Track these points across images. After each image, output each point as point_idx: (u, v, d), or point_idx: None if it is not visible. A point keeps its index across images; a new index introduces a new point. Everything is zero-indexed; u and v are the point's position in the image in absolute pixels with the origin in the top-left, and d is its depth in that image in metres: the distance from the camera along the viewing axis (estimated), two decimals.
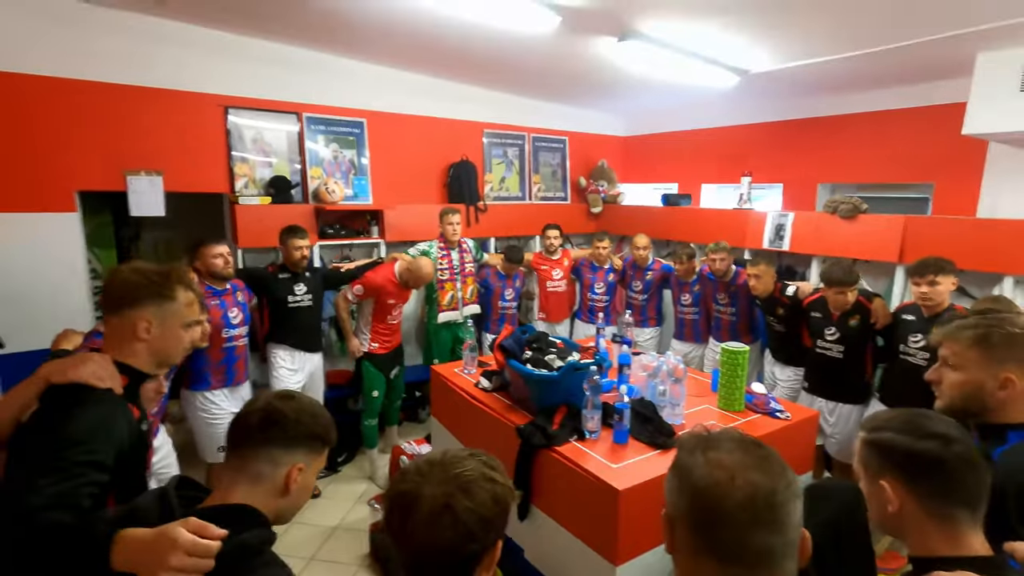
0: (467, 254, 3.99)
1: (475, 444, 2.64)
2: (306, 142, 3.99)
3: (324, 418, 1.09)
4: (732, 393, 2.43)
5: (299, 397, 1.08)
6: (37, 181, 3.14)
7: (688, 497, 0.78)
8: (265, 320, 3.26)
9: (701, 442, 0.81)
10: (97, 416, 1.13)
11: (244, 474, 1.01)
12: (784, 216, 3.85)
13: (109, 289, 1.31)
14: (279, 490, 1.02)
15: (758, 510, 0.73)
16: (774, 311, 3.30)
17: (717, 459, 0.77)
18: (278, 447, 1.02)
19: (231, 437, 1.04)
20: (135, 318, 1.27)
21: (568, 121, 5.39)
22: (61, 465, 1.02)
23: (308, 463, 1.06)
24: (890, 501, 0.94)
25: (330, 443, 1.10)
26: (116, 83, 3.31)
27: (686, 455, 0.82)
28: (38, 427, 1.11)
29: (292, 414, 1.03)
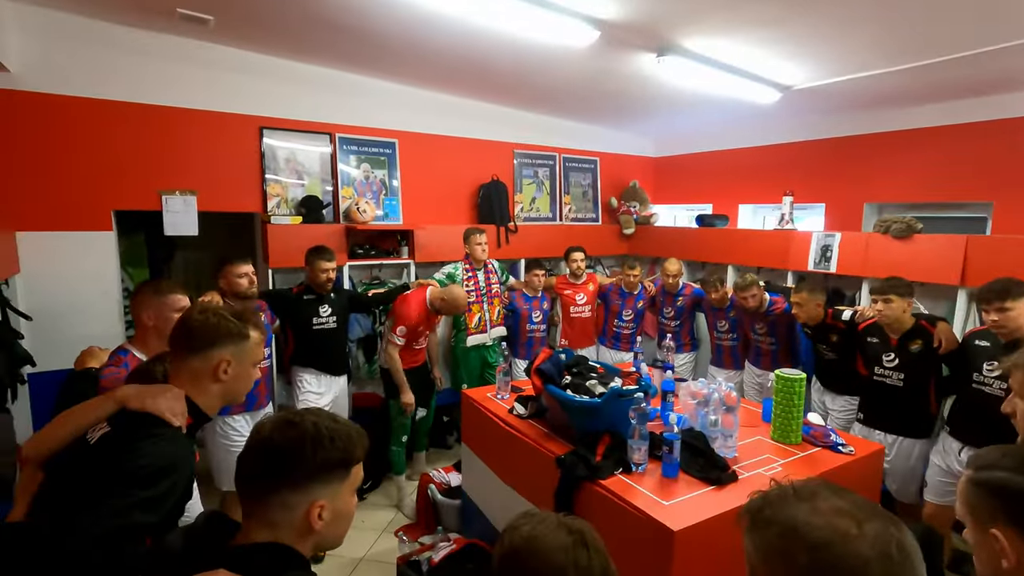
0: (493, 275, 3.89)
1: (510, 474, 2.50)
2: (338, 163, 3.98)
3: (341, 438, 0.94)
4: (788, 424, 2.26)
5: (303, 423, 0.93)
6: (75, 200, 3.17)
7: (806, 555, 0.66)
8: (290, 342, 3.19)
9: (794, 492, 0.72)
10: (165, 457, 1.09)
11: (260, 520, 0.90)
12: (830, 236, 3.67)
13: (190, 332, 1.30)
14: (303, 531, 0.91)
15: (895, 562, 0.63)
16: (826, 338, 3.10)
17: (832, 507, 0.67)
18: (287, 489, 0.90)
19: (236, 482, 0.93)
20: (217, 359, 1.28)
21: (599, 141, 5.32)
22: (114, 504, 0.98)
23: (332, 494, 0.93)
24: (1005, 555, 0.80)
25: (356, 460, 0.97)
26: (153, 104, 3.35)
27: (785, 508, 0.70)
28: (105, 454, 1.07)
29: (295, 449, 0.90)
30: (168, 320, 1.82)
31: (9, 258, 2.95)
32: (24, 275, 3.03)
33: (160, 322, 1.85)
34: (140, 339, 1.88)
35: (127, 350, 1.84)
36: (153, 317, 1.86)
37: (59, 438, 1.12)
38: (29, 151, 3.04)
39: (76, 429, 1.12)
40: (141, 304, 1.87)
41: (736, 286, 3.49)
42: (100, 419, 1.14)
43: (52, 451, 1.12)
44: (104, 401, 1.16)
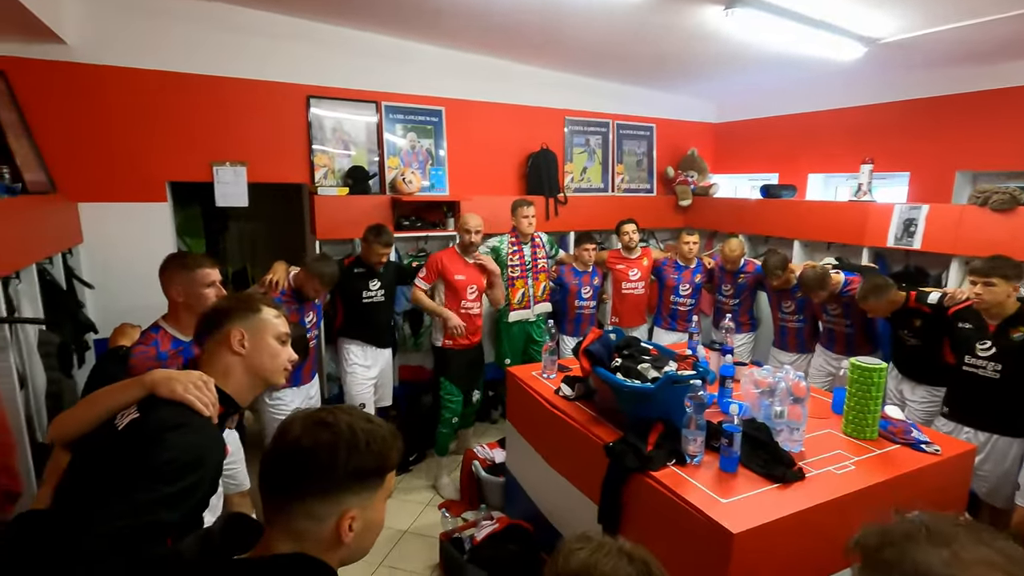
0: (540, 249, 3.74)
1: (554, 457, 2.41)
2: (384, 132, 3.90)
3: (378, 442, 0.84)
4: (863, 418, 2.04)
5: (338, 423, 0.83)
6: (131, 171, 3.23)
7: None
8: (339, 314, 3.18)
9: (927, 533, 0.57)
10: (192, 451, 1.03)
11: (283, 531, 0.82)
12: (915, 209, 3.31)
13: (202, 319, 1.29)
14: (330, 543, 0.83)
15: None
16: (908, 323, 2.80)
17: (979, 559, 0.54)
18: (316, 499, 0.81)
19: (260, 482, 0.85)
20: (228, 332, 1.24)
21: (655, 107, 5.01)
22: (136, 499, 0.93)
23: (364, 503, 0.84)
24: None
25: (390, 468, 0.88)
26: (204, 74, 3.34)
27: (914, 552, 0.56)
28: (131, 443, 1.02)
29: (327, 455, 0.80)
30: (198, 296, 1.78)
31: (73, 228, 3.05)
32: (86, 245, 3.14)
33: (190, 298, 1.80)
34: (172, 315, 1.85)
35: (159, 327, 1.82)
36: (183, 293, 1.81)
37: (86, 420, 1.09)
38: (88, 123, 3.10)
39: (103, 412, 1.09)
40: (170, 280, 1.83)
41: (805, 283, 3.15)
42: (128, 404, 1.10)
43: (78, 433, 1.09)
44: (133, 385, 1.12)
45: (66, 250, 2.94)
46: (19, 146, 2.70)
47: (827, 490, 1.70)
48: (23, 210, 2.32)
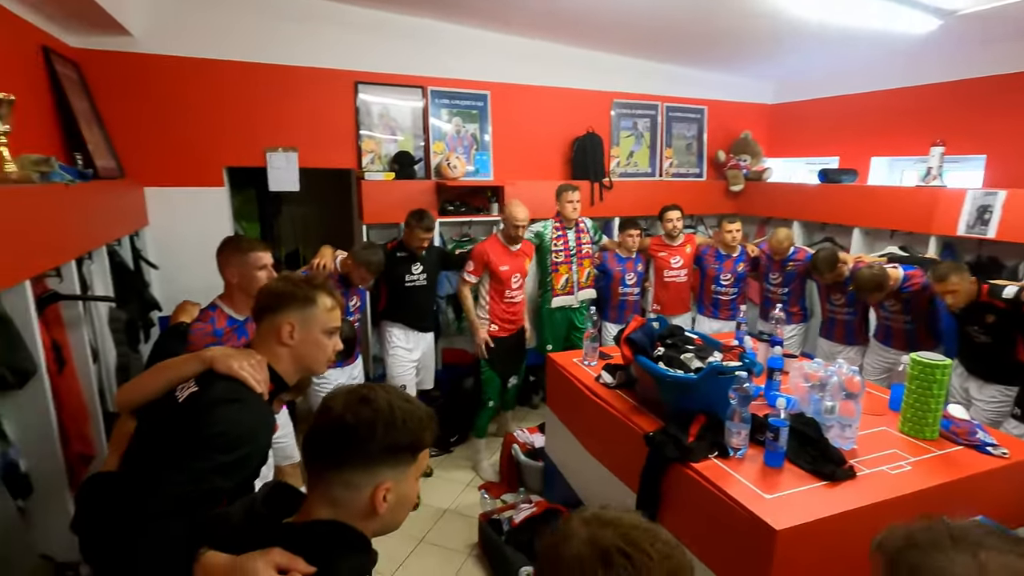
0: (584, 234, 3.69)
1: (593, 444, 2.41)
2: (430, 117, 3.93)
3: (414, 420, 0.89)
4: (923, 416, 1.94)
5: (377, 400, 0.88)
6: (191, 158, 3.38)
7: None
8: (382, 297, 3.25)
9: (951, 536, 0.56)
10: (244, 424, 1.11)
11: (322, 498, 0.88)
12: (991, 195, 3.08)
13: (259, 298, 1.33)
14: (365, 512, 0.88)
15: None
16: (980, 319, 2.61)
17: (1004, 566, 0.52)
18: (354, 469, 0.86)
19: (303, 452, 0.90)
20: (279, 322, 1.27)
21: (707, 88, 4.83)
22: (195, 467, 1.00)
23: (398, 477, 0.89)
24: None
25: (424, 447, 0.92)
26: (258, 62, 3.45)
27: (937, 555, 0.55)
28: (189, 415, 1.09)
29: (366, 429, 0.85)
30: (251, 278, 1.86)
31: (139, 212, 3.23)
32: (152, 228, 3.32)
33: (243, 280, 1.88)
34: (228, 295, 1.94)
35: (216, 306, 1.92)
36: (236, 275, 1.89)
37: (149, 390, 1.17)
38: (152, 111, 3.25)
39: (165, 384, 1.17)
40: (225, 262, 1.91)
41: (860, 286, 2.96)
42: (188, 377, 1.17)
43: (142, 401, 1.17)
44: (193, 360, 1.19)
45: (133, 233, 3.12)
46: (91, 134, 2.87)
47: (879, 491, 1.63)
48: (95, 194, 2.47)
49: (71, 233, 2.09)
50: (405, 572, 2.61)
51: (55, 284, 2.05)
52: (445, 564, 2.67)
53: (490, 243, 3.34)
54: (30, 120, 2.36)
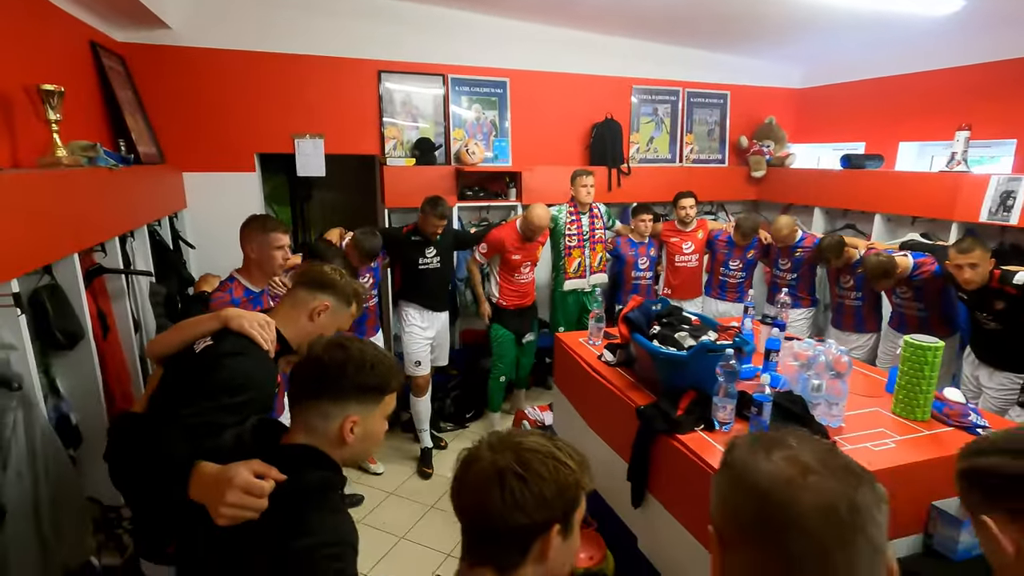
0: (598, 219, 3.76)
1: (594, 419, 2.51)
2: (450, 104, 4.04)
3: (382, 367, 1.05)
4: (914, 398, 1.97)
5: (350, 347, 1.04)
6: (226, 144, 3.60)
7: (749, 501, 0.62)
8: (397, 278, 3.41)
9: (762, 440, 0.66)
10: (248, 373, 1.27)
11: (301, 425, 1.03)
12: (1015, 180, 3.00)
13: (311, 272, 1.54)
14: (336, 441, 1.02)
15: (841, 519, 0.58)
16: (989, 305, 2.59)
17: (787, 456, 0.62)
18: (327, 401, 1.01)
19: (288, 392, 1.06)
20: (319, 303, 1.48)
21: (731, 73, 4.78)
22: (203, 405, 1.17)
23: (364, 414, 1.04)
24: (999, 543, 0.74)
25: (389, 391, 1.07)
26: (288, 53, 3.63)
27: (744, 453, 0.66)
28: (203, 364, 1.28)
29: (337, 368, 1.01)
30: (268, 256, 2.02)
31: (178, 195, 3.47)
32: (190, 210, 3.55)
33: (261, 256, 2.04)
34: (245, 269, 2.10)
35: (234, 278, 2.09)
36: (256, 250, 2.05)
37: (173, 343, 1.35)
38: (189, 100, 3.47)
39: (188, 338, 1.34)
40: (248, 237, 2.07)
41: (869, 270, 2.97)
42: (207, 333, 1.34)
43: (167, 353, 1.35)
44: (212, 319, 1.37)
45: (173, 214, 3.36)
46: (134, 122, 3.10)
47: None
48: (136, 178, 2.69)
49: (114, 213, 2.30)
50: (415, 534, 2.79)
51: (100, 259, 2.26)
52: (451, 527, 2.82)
53: (508, 231, 3.45)
54: (79, 110, 2.58)
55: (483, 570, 0.81)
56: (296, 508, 0.92)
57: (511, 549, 0.79)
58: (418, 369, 3.33)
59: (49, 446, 1.65)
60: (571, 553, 0.85)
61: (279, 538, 0.88)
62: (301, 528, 0.90)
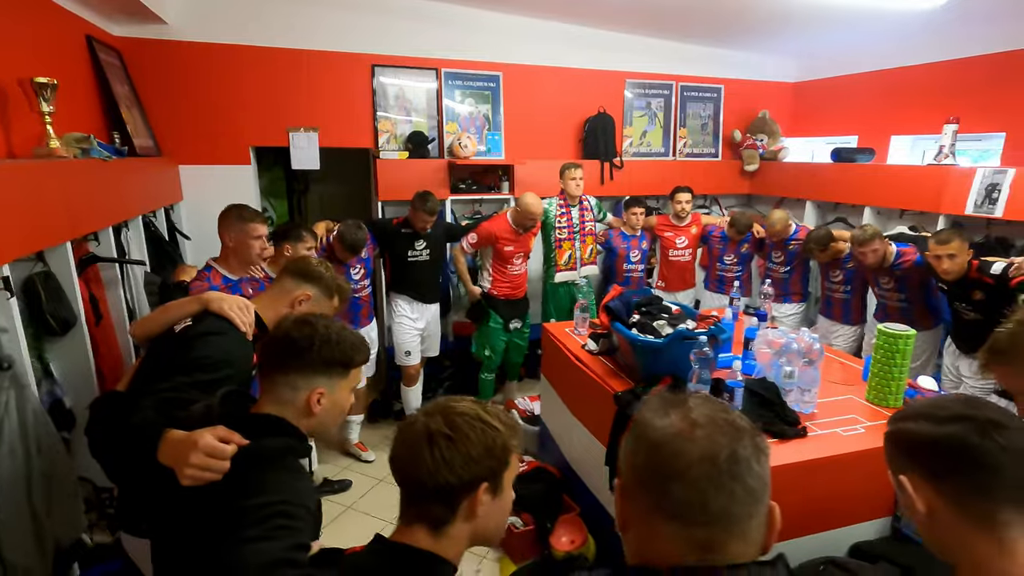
0: (587, 212, 3.80)
1: (577, 406, 2.56)
2: (444, 98, 4.08)
3: (346, 343, 1.11)
4: (887, 385, 2.01)
5: (317, 324, 1.10)
6: (221, 137, 3.65)
7: (644, 453, 0.68)
8: (387, 270, 3.46)
9: (666, 401, 0.72)
10: (225, 352, 1.33)
11: (270, 396, 1.09)
12: (1000, 173, 3.02)
13: (298, 262, 1.62)
14: (303, 412, 1.08)
15: (717, 469, 0.63)
16: (967, 296, 2.62)
17: (681, 413, 0.68)
18: (295, 374, 1.07)
19: (259, 366, 1.11)
20: (301, 292, 1.56)
21: (725, 67, 4.80)
22: (179, 380, 1.23)
23: (331, 387, 1.10)
24: (913, 501, 0.79)
25: (354, 365, 1.13)
26: (282, 47, 3.67)
27: (647, 412, 0.72)
28: (181, 342, 1.34)
29: (305, 343, 1.07)
30: (246, 245, 2.06)
31: (175, 187, 3.52)
32: (186, 202, 3.61)
33: (238, 245, 2.08)
34: (223, 257, 2.14)
35: (211, 267, 2.13)
36: (233, 240, 2.08)
37: (156, 324, 1.41)
38: (185, 94, 3.52)
39: (170, 319, 1.40)
40: (225, 226, 2.10)
41: (854, 239, 3.03)
42: (187, 315, 1.39)
43: (150, 333, 1.41)
44: (193, 301, 1.43)
45: (169, 206, 3.41)
46: (130, 116, 3.15)
47: (823, 448, 1.73)
48: (130, 170, 2.74)
49: (107, 203, 2.36)
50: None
51: (94, 248, 2.32)
52: None
53: (499, 223, 3.49)
54: (74, 103, 2.64)
55: (417, 527, 0.85)
56: (254, 469, 0.98)
57: (441, 506, 0.84)
58: (408, 359, 3.38)
59: (41, 426, 1.71)
60: (502, 512, 0.90)
61: (235, 496, 0.94)
62: (256, 487, 0.95)
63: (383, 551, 0.86)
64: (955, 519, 0.76)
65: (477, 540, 0.90)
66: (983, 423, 0.76)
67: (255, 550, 0.85)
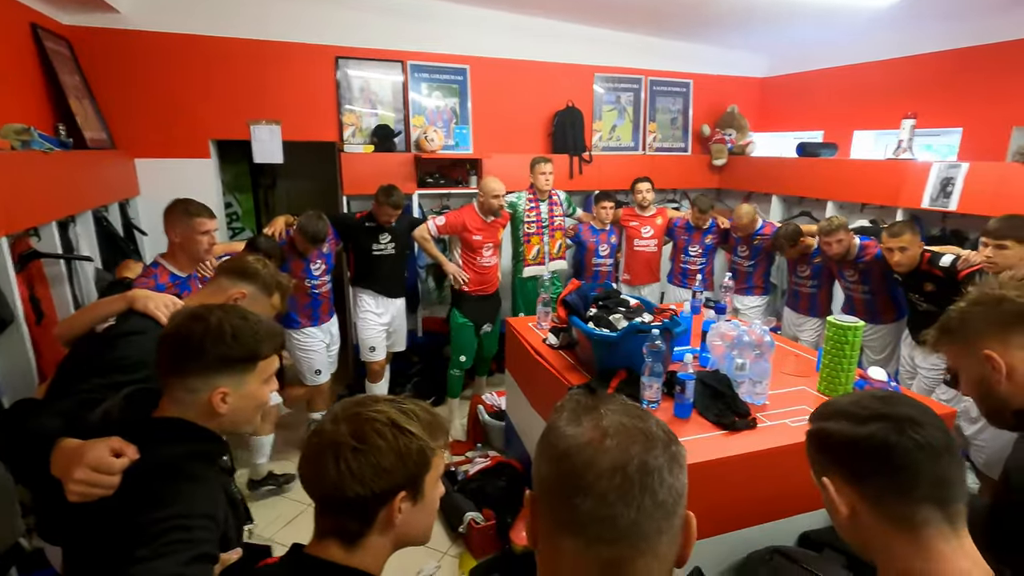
0: (557, 207, 3.79)
1: (538, 400, 2.55)
2: (410, 91, 4.03)
3: (245, 336, 1.02)
4: (837, 376, 2.03)
5: (209, 317, 1.01)
6: (179, 130, 3.55)
7: (554, 462, 0.63)
8: (351, 264, 3.41)
9: (580, 406, 0.67)
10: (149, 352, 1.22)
11: (169, 398, 1.02)
12: (954, 167, 3.08)
13: (234, 260, 1.57)
14: (208, 412, 1.01)
15: (628, 480, 0.58)
16: (919, 287, 2.68)
17: (593, 420, 0.63)
18: (191, 376, 1.00)
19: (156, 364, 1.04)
20: (236, 290, 1.51)
21: (694, 62, 4.82)
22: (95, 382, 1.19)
23: (236, 384, 1.02)
24: (835, 504, 0.79)
25: (260, 358, 1.05)
26: (243, 38, 3.58)
27: (558, 419, 0.66)
28: (103, 342, 1.29)
29: (196, 343, 0.99)
30: (194, 240, 2.00)
31: (130, 181, 3.43)
32: (143, 197, 3.51)
33: (186, 241, 2.01)
34: (170, 254, 2.07)
35: (158, 263, 2.06)
36: (179, 235, 2.01)
37: (79, 325, 1.35)
38: (141, 85, 3.42)
39: (95, 318, 1.34)
40: (171, 222, 2.03)
41: (820, 230, 3.09)
42: (112, 314, 1.34)
43: (74, 334, 1.35)
44: (118, 300, 1.37)
45: (124, 201, 3.32)
46: (80, 107, 3.05)
47: (771, 439, 1.75)
48: (76, 163, 2.65)
49: (50, 197, 2.27)
50: None
51: (35, 243, 2.24)
52: None
53: (467, 212, 3.46)
54: (17, 93, 2.55)
55: (328, 542, 0.81)
56: (149, 481, 0.92)
57: (353, 520, 0.80)
58: (373, 355, 3.34)
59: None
60: (426, 515, 0.87)
61: (129, 512, 0.88)
62: (151, 500, 0.89)
63: (294, 565, 0.82)
64: (876, 520, 0.75)
65: (401, 545, 0.87)
66: (900, 421, 0.75)
67: (146, 569, 0.80)
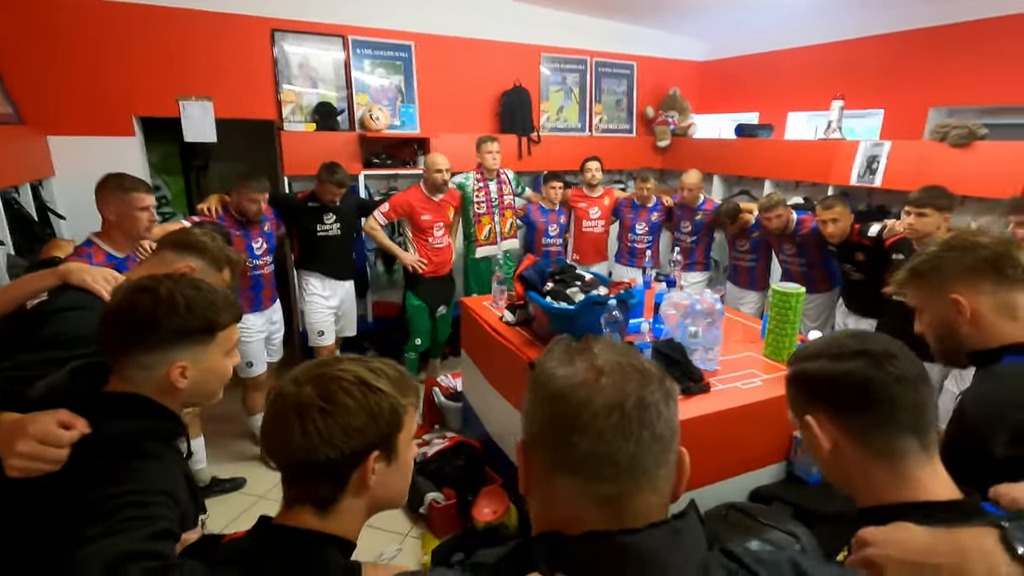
0: (506, 185, 3.77)
1: (496, 378, 2.55)
2: (352, 69, 3.88)
3: (200, 306, 0.95)
4: (781, 340, 2.14)
5: (158, 288, 0.94)
6: (99, 106, 3.27)
7: (547, 404, 0.62)
8: (295, 247, 3.27)
9: (570, 348, 0.67)
10: (89, 327, 1.11)
11: (119, 376, 0.94)
12: (878, 146, 3.29)
13: (181, 233, 1.46)
14: (165, 388, 0.94)
15: (625, 417, 0.59)
16: (851, 257, 2.85)
17: (586, 360, 0.63)
18: (142, 353, 0.92)
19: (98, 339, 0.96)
20: (184, 264, 1.40)
21: (638, 44, 4.89)
22: (27, 359, 1.09)
23: (195, 357, 0.96)
24: (818, 439, 0.81)
25: (221, 326, 0.99)
26: (168, 6, 3.32)
27: (549, 361, 0.65)
28: (33, 319, 1.18)
29: (146, 316, 0.91)
30: (132, 218, 1.83)
31: (43, 161, 3.13)
32: (58, 178, 3.22)
33: (122, 219, 1.83)
34: (105, 233, 1.88)
35: (92, 242, 1.87)
36: (115, 213, 1.84)
37: (4, 302, 1.21)
38: (53, 57, 3.12)
39: (22, 296, 1.22)
40: (105, 199, 1.85)
41: (760, 206, 3.24)
42: (41, 291, 1.22)
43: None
44: (47, 275, 1.24)
45: (36, 182, 3.03)
46: None
47: (725, 401, 1.82)
48: None
49: None
50: None
51: None
52: None
53: (412, 192, 3.39)
54: None
55: (301, 509, 0.78)
56: (100, 458, 0.85)
57: (325, 484, 0.77)
58: (322, 339, 3.23)
59: None
60: (402, 476, 0.84)
61: (79, 489, 0.81)
62: (103, 477, 0.83)
63: (264, 535, 0.78)
64: (858, 453, 0.78)
65: (376, 509, 0.84)
66: (878, 355, 0.78)
67: (101, 547, 0.73)
